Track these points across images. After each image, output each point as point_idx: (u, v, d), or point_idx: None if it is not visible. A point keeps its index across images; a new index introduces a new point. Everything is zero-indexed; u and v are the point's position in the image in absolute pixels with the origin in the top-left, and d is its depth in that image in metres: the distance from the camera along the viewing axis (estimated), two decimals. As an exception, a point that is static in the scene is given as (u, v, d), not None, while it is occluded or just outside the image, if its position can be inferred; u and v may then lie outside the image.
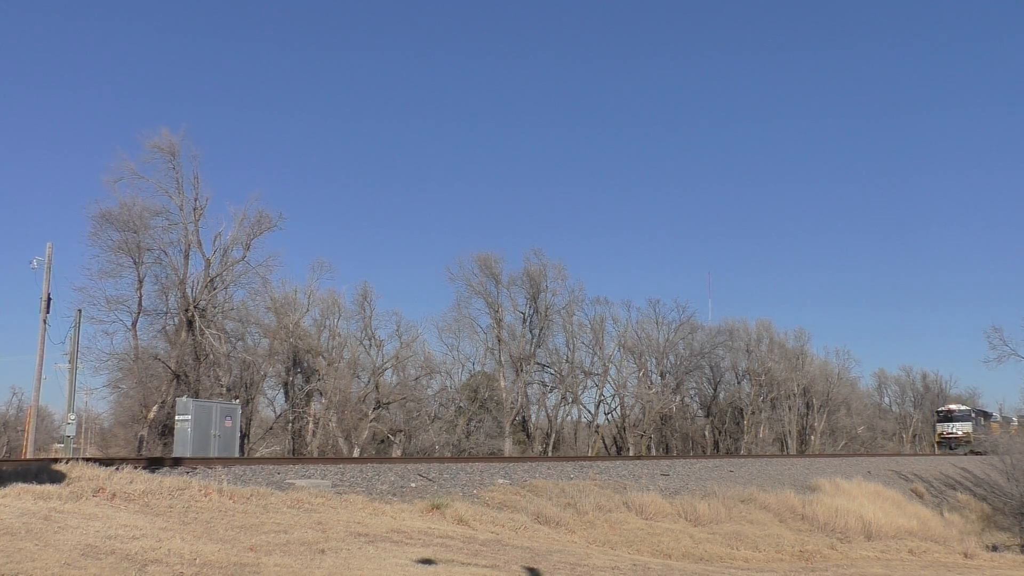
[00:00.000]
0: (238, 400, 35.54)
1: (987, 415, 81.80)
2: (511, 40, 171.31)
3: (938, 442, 75.46)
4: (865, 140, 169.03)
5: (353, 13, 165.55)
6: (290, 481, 17.25)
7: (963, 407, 77.12)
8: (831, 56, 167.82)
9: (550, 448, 56.41)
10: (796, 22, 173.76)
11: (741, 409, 70.31)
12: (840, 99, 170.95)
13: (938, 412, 79.62)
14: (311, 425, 46.34)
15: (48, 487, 12.41)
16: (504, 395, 55.39)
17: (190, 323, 38.97)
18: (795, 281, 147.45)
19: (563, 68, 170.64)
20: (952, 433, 72.92)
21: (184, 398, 31.57)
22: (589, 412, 63.17)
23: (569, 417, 62.24)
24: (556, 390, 59.82)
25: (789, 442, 73.26)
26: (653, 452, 61.56)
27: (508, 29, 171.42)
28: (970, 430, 71.88)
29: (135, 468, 15.68)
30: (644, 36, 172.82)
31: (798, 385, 74.63)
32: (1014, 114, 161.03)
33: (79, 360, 38.69)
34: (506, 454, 50.36)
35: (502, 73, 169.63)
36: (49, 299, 36.10)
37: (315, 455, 43.09)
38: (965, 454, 67.41)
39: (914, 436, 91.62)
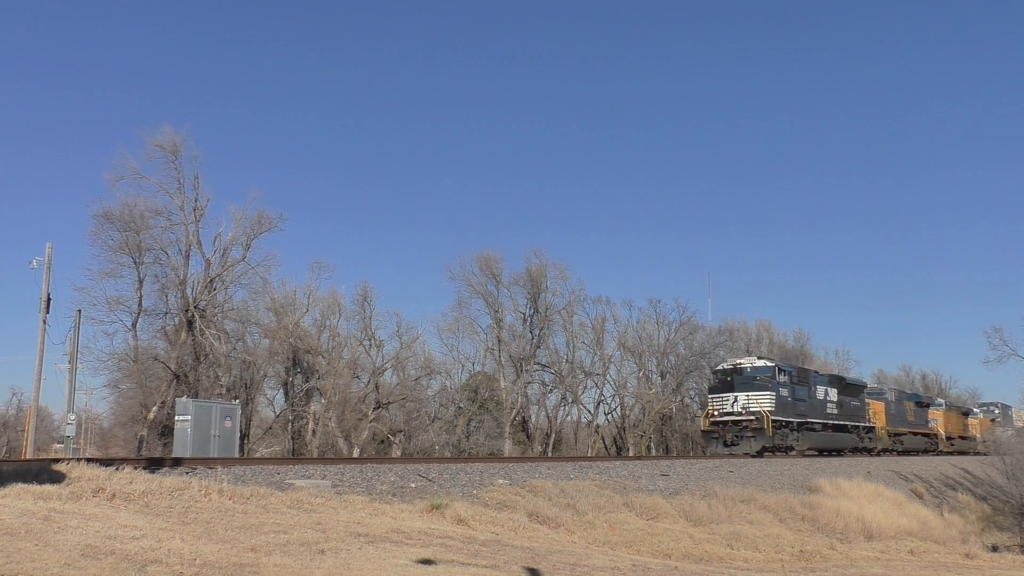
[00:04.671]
0: (238, 400, 35.53)
1: (845, 383, 47.97)
2: (511, 40, 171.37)
3: (706, 430, 40.99)
4: (865, 140, 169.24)
5: (353, 13, 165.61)
6: (290, 481, 17.23)
7: (761, 362, 41.49)
8: (831, 56, 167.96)
9: (550, 448, 56.41)
10: (796, 22, 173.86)
11: (741, 409, 70.22)
12: (840, 99, 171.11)
13: (714, 372, 44.12)
14: (311, 425, 46.35)
15: (48, 487, 12.39)
16: (504, 395, 55.42)
17: (190, 323, 38.99)
18: (795, 281, 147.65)
19: (563, 68, 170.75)
20: (730, 412, 39.15)
21: (184, 398, 31.60)
22: (589, 412, 63.30)
23: (569, 417, 62.39)
24: (556, 390, 59.85)
25: (789, 442, 73.18)
26: (653, 452, 61.57)
27: (509, 29, 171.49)
28: (771, 407, 38.34)
29: (135, 468, 15.66)
30: (644, 36, 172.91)
31: (798, 385, 74.53)
32: (1014, 114, 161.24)
33: (79, 360, 38.69)
34: (506, 454, 50.35)
35: (502, 73, 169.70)
36: (49, 299, 36.08)
37: (315, 455, 43.09)
38: (756, 453, 37.79)
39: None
